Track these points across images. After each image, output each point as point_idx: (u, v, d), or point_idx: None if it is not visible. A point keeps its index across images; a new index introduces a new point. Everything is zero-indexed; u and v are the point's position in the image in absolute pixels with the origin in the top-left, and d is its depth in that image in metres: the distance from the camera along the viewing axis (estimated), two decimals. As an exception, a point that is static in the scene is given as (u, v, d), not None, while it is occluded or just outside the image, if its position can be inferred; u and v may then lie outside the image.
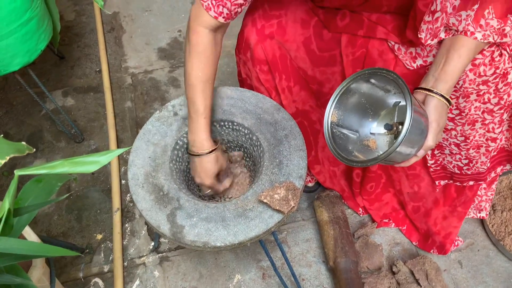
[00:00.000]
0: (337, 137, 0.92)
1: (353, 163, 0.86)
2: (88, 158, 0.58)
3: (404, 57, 1.03)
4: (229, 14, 0.96)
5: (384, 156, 0.80)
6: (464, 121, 1.04)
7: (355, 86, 0.90)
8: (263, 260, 1.37)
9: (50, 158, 1.63)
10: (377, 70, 0.84)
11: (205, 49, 1.00)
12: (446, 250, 1.33)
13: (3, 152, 0.54)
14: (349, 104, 0.93)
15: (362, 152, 0.94)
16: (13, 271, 0.70)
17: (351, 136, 0.95)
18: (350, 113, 0.94)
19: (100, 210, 1.50)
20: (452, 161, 1.16)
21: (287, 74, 1.16)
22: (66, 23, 2.09)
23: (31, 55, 1.35)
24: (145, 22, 2.11)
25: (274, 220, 0.94)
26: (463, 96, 0.98)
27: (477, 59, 0.93)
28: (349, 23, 1.06)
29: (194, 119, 1.03)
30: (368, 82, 0.89)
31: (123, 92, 1.84)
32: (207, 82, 1.02)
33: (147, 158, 1.05)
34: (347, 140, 0.94)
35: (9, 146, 0.55)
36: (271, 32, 1.09)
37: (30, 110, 1.77)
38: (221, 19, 0.96)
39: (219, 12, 0.95)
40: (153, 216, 0.96)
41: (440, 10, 0.85)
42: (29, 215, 0.78)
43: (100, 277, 1.35)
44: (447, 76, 0.90)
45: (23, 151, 0.56)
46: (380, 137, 0.96)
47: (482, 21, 0.87)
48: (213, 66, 1.03)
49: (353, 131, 0.95)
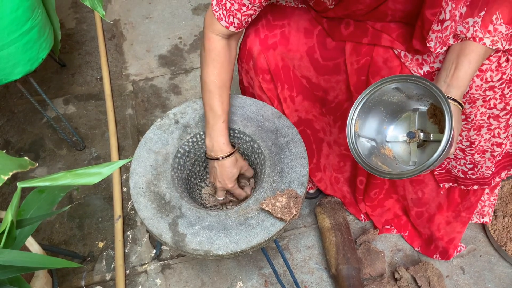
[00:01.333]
0: (360, 147, 0.90)
1: (386, 175, 0.84)
2: (90, 170, 0.58)
3: (410, 63, 1.03)
4: (239, 23, 0.98)
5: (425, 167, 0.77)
6: (470, 126, 1.04)
7: (376, 94, 0.88)
8: (265, 267, 1.37)
9: (51, 166, 1.64)
10: (407, 77, 0.83)
11: (219, 55, 1.02)
12: (449, 255, 1.32)
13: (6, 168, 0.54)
14: (368, 112, 0.92)
15: (381, 160, 0.92)
16: (16, 283, 0.70)
17: (369, 144, 0.94)
18: (369, 121, 0.94)
19: (101, 218, 1.50)
20: (457, 165, 1.16)
21: (290, 84, 1.16)
22: (66, 31, 2.10)
23: (33, 63, 1.36)
24: (146, 29, 2.12)
25: (276, 228, 0.94)
26: (469, 102, 0.99)
27: (484, 64, 0.93)
28: (354, 31, 1.06)
29: (212, 124, 1.04)
30: (389, 90, 0.88)
31: (124, 100, 1.84)
32: (223, 87, 1.04)
33: (148, 167, 1.05)
34: (368, 150, 0.92)
35: (11, 162, 0.56)
36: (274, 43, 1.09)
37: (32, 118, 1.77)
38: (232, 28, 0.98)
39: (230, 22, 0.97)
40: (155, 225, 0.96)
41: (449, 19, 0.86)
42: (32, 227, 0.78)
43: (102, 285, 1.35)
44: (459, 82, 0.91)
45: (25, 167, 0.57)
46: (396, 145, 0.95)
47: (491, 27, 0.88)
48: (228, 72, 1.05)
49: (371, 139, 0.94)
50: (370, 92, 0.88)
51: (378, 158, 0.92)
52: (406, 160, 0.94)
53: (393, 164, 0.93)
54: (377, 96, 0.90)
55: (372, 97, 0.89)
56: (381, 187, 1.35)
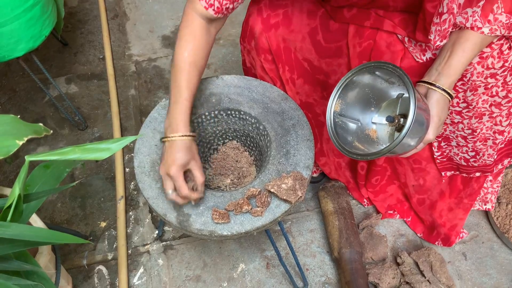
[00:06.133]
0: (339, 127, 0.92)
1: (354, 155, 0.87)
2: (99, 145, 0.57)
3: (414, 49, 1.02)
4: (219, 8, 0.95)
5: (386, 150, 0.82)
6: (472, 114, 1.03)
7: (360, 77, 0.90)
8: (267, 250, 1.37)
9: (53, 145, 1.63)
10: (383, 64, 0.85)
11: (195, 31, 0.97)
12: (451, 242, 1.33)
13: (21, 133, 0.53)
14: (353, 94, 0.94)
15: (362, 142, 0.95)
16: (22, 258, 0.70)
17: (352, 125, 0.96)
18: (353, 103, 0.95)
19: (103, 198, 1.49)
20: (459, 153, 1.15)
21: (291, 66, 1.15)
22: (69, 9, 2.07)
23: (36, 40, 1.34)
24: (149, 9, 2.09)
25: (281, 209, 0.94)
26: (471, 89, 0.97)
27: (485, 52, 0.92)
28: (356, 14, 1.05)
29: (173, 101, 0.95)
30: (373, 74, 0.90)
31: (127, 80, 1.82)
32: (193, 65, 0.96)
33: (153, 146, 1.04)
34: (348, 130, 0.95)
35: (26, 127, 0.54)
36: (276, 22, 1.08)
37: (33, 96, 1.76)
38: (210, 11, 0.95)
39: (210, 4, 0.94)
40: (159, 204, 0.95)
41: (446, 11, 0.85)
42: (37, 202, 0.77)
43: (104, 265, 1.35)
44: (451, 71, 0.91)
45: (40, 133, 0.56)
46: (381, 127, 0.97)
47: (491, 16, 0.86)
48: (202, 52, 0.98)
49: (354, 120, 0.96)
50: (351, 76, 0.90)
51: (361, 138, 0.95)
52: (387, 143, 0.95)
53: (374, 145, 0.95)
54: (359, 79, 0.91)
55: (355, 79, 0.90)
56: (382, 173, 1.34)
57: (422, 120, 0.85)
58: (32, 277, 0.71)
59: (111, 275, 1.33)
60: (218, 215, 0.92)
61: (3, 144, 0.56)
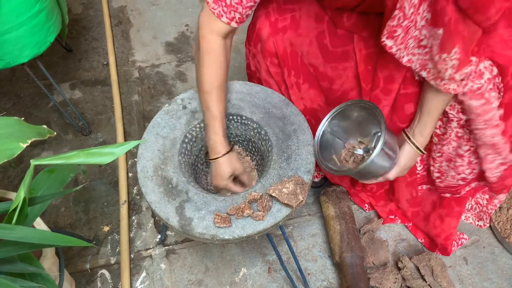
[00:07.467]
0: (325, 142, 1.10)
1: (328, 169, 1.06)
2: (103, 150, 0.58)
3: None
4: (241, 18, 0.98)
5: (347, 172, 1.07)
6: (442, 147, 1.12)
7: (348, 111, 1.07)
8: (268, 254, 1.38)
9: (57, 150, 1.64)
10: (360, 102, 1.04)
11: (218, 56, 1.02)
12: (449, 251, 1.33)
13: (25, 135, 0.54)
14: (344, 119, 1.10)
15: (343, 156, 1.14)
16: (26, 260, 0.71)
17: (339, 141, 1.15)
18: (343, 125, 1.12)
19: (107, 202, 1.51)
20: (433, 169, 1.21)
21: (297, 71, 1.15)
22: (73, 16, 2.09)
23: (40, 47, 1.36)
24: (153, 16, 2.11)
25: (282, 214, 0.95)
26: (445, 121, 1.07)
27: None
28: (356, 23, 1.06)
29: (208, 125, 1.05)
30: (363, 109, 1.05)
31: (130, 86, 1.84)
32: (220, 87, 1.04)
33: (156, 151, 1.06)
34: (332, 146, 1.13)
35: (30, 130, 0.56)
36: (284, 26, 1.09)
37: (38, 102, 1.78)
38: (233, 23, 0.98)
39: (232, 17, 0.97)
40: (162, 209, 0.96)
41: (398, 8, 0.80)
42: (42, 205, 0.78)
43: (107, 269, 1.36)
44: (423, 131, 1.04)
45: (44, 135, 0.57)
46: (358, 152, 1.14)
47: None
48: (225, 72, 1.05)
49: (339, 138, 1.14)
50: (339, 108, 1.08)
51: (343, 152, 1.14)
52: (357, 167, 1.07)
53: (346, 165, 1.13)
54: (348, 111, 1.08)
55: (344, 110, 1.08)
56: (380, 185, 1.37)
57: (384, 162, 1.03)
58: (36, 279, 0.72)
59: (114, 279, 1.34)
60: (220, 219, 0.93)
61: (8, 146, 0.57)
